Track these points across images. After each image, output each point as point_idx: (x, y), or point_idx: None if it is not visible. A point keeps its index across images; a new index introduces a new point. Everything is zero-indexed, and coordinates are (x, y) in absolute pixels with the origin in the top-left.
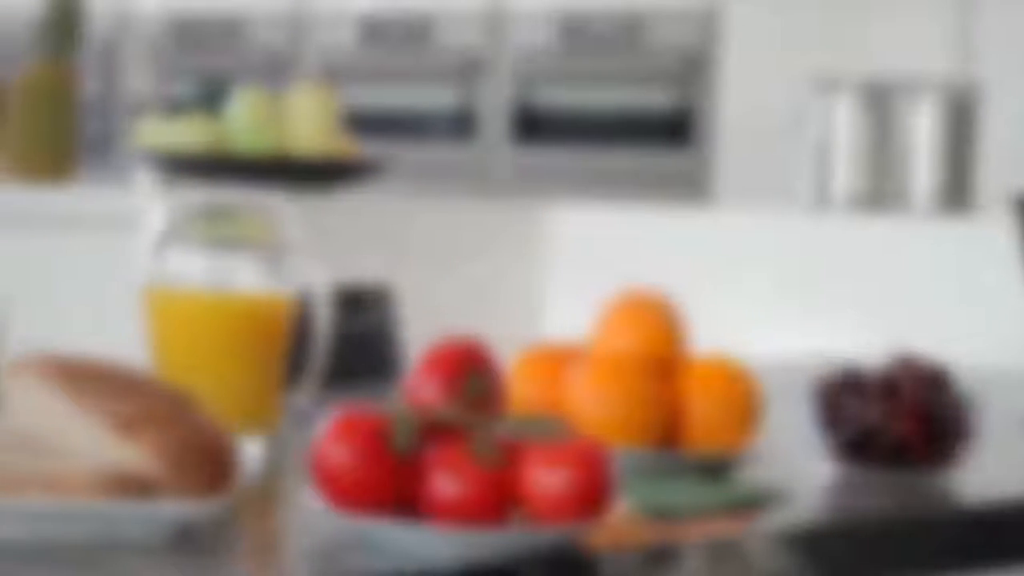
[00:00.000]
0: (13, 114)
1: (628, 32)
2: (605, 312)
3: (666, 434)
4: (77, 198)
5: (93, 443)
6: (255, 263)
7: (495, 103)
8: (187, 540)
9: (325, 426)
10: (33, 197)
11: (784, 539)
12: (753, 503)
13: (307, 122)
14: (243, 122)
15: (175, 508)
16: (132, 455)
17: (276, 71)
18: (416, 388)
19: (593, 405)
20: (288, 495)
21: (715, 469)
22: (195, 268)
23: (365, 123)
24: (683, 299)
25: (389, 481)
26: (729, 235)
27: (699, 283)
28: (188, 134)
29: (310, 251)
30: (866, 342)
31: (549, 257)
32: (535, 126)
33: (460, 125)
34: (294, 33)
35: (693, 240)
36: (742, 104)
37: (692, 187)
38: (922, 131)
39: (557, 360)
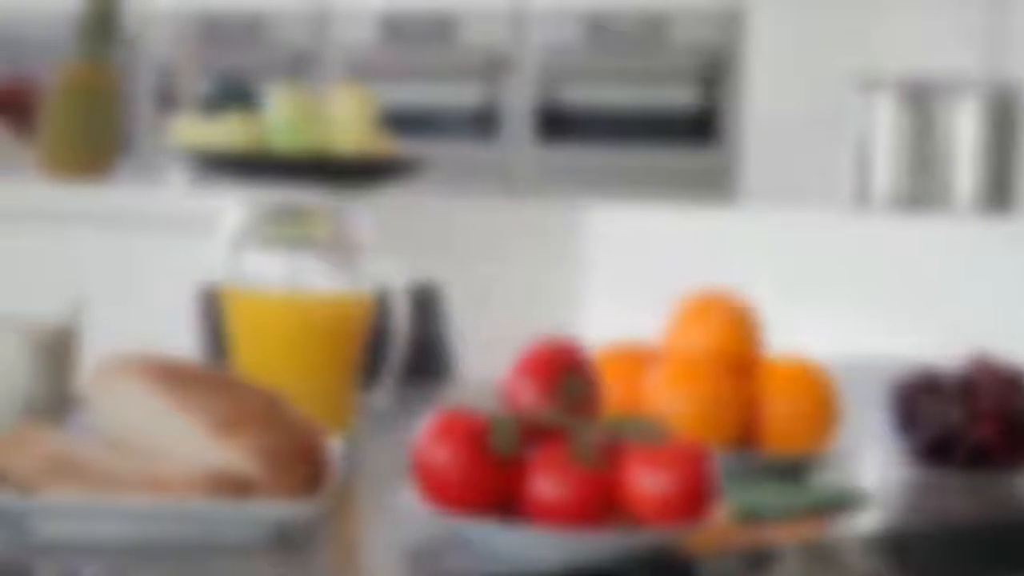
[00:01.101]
0: (53, 113)
1: (652, 31)
2: (679, 311)
3: (743, 435)
4: (116, 196)
5: (191, 443)
6: (330, 263)
7: (519, 101)
8: (283, 540)
9: (425, 427)
10: (73, 195)
11: (878, 542)
12: (840, 506)
13: (346, 121)
14: (282, 121)
15: (273, 509)
16: (230, 456)
17: (299, 69)
18: (513, 390)
19: (671, 405)
20: (380, 495)
21: (792, 470)
22: (271, 269)
23: (387, 121)
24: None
25: (489, 482)
26: (766, 234)
27: (737, 282)
28: (227, 133)
29: (385, 251)
30: (906, 342)
31: (585, 256)
32: (559, 125)
33: (483, 123)
34: (317, 31)
35: (730, 239)
36: (767, 102)
37: (716, 186)
38: (963, 130)
39: (632, 360)
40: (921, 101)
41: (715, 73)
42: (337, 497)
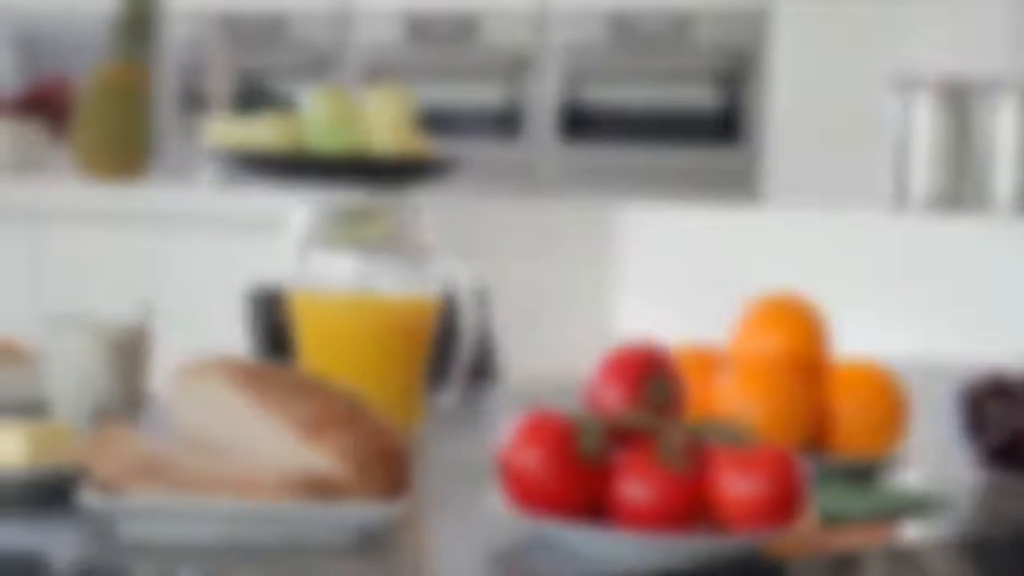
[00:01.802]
0: (88, 113)
1: (676, 30)
2: (747, 314)
3: (813, 437)
4: (151, 196)
5: (278, 445)
6: (398, 265)
7: (542, 101)
8: (369, 542)
9: (512, 430)
10: (108, 195)
11: (959, 547)
12: (918, 510)
13: (382, 121)
14: (319, 121)
15: (361, 511)
16: (317, 458)
17: (321, 69)
18: (597, 393)
19: (741, 408)
20: (458, 496)
21: (862, 473)
22: (339, 270)
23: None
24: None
25: (576, 485)
26: (802, 234)
27: (773, 283)
28: (264, 133)
29: (453, 253)
30: (946, 344)
31: (618, 256)
32: (582, 124)
33: (507, 123)
34: (340, 31)
35: (764, 239)
36: (791, 102)
37: (739, 186)
38: (1002, 130)
39: (700, 362)
40: (959, 101)
41: (739, 72)
42: (424, 499)
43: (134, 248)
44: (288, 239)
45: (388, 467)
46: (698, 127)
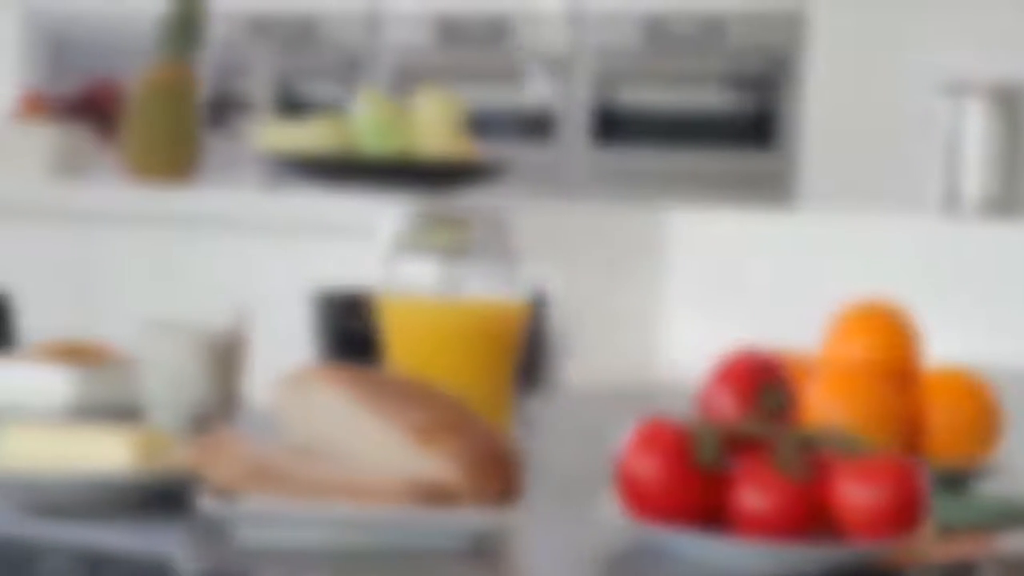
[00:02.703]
0: (135, 114)
1: (710, 33)
2: (837, 320)
3: (906, 445)
4: (200, 198)
5: (391, 451)
6: (485, 270)
7: (575, 104)
8: (482, 548)
9: (629, 437)
10: (155, 197)
11: None
12: (1020, 518)
13: (431, 125)
14: (369, 125)
15: (476, 517)
16: (430, 464)
17: (351, 71)
18: (711, 400)
19: (832, 415)
20: (564, 502)
21: (956, 481)
22: (426, 275)
23: None
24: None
25: (692, 493)
26: (848, 239)
27: (824, 288)
28: (313, 136)
29: (541, 257)
30: (1001, 348)
31: (665, 261)
32: (615, 127)
33: (539, 126)
34: (370, 33)
35: (816, 244)
36: (826, 105)
37: (774, 190)
38: None
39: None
40: (1012, 104)
41: (773, 76)
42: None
43: (182, 251)
44: (372, 243)
45: (500, 473)
46: (731, 131)
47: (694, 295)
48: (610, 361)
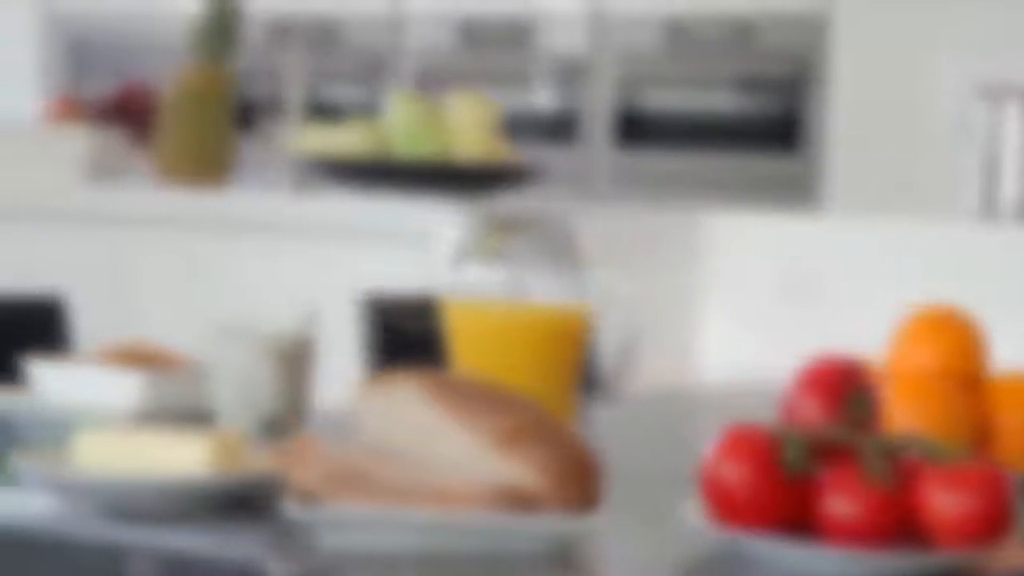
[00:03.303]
0: (169, 118)
1: (733, 36)
2: (902, 326)
3: (973, 450)
4: (232, 201)
5: (473, 457)
6: (550, 274)
7: (598, 107)
8: (565, 554)
9: (715, 442)
10: (188, 200)
11: None
12: None
13: (467, 127)
14: (404, 128)
15: (560, 522)
16: (513, 469)
17: (374, 73)
18: (795, 406)
19: (900, 423)
20: (642, 507)
21: None
22: (491, 280)
23: None
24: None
25: (779, 499)
26: (885, 244)
27: (859, 293)
28: (349, 140)
29: (606, 263)
30: None
31: (702, 264)
32: (638, 130)
33: (562, 129)
34: (392, 36)
35: (852, 248)
36: (852, 108)
37: (798, 193)
38: None
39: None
40: None
41: (798, 79)
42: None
43: (215, 254)
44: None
45: (582, 478)
46: (755, 134)
47: (730, 298)
48: (646, 364)
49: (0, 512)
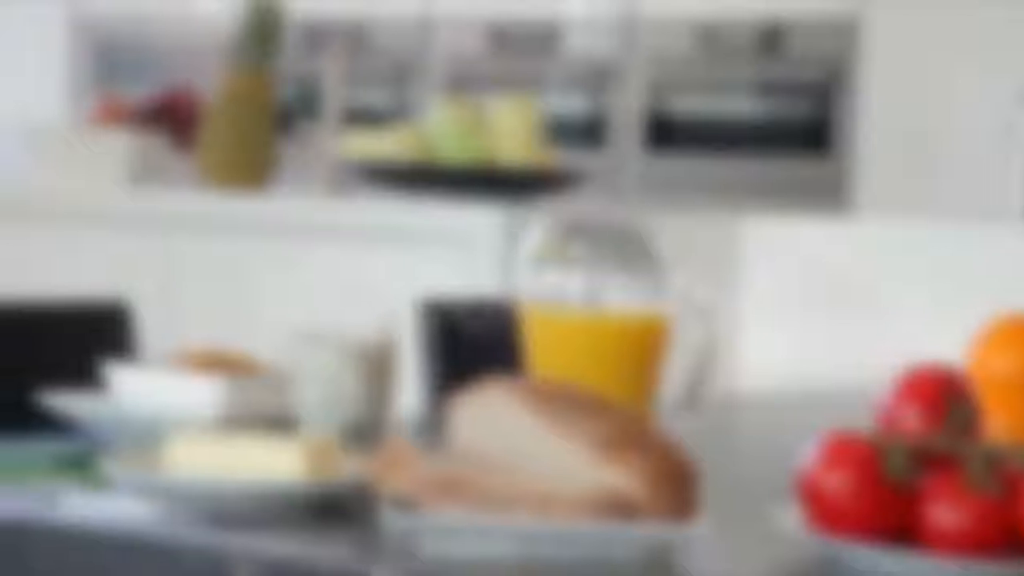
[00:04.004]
0: (212, 122)
1: (765, 39)
2: (985, 332)
3: None
4: (276, 205)
5: (574, 464)
6: (628, 280)
7: (628, 111)
8: (664, 562)
9: (814, 450)
10: (232, 203)
11: None
12: None
13: (510, 132)
14: (447, 133)
15: (661, 529)
16: (615, 476)
17: (403, 77)
18: (895, 414)
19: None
20: (746, 515)
21: None
22: (570, 285)
23: None
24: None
25: (881, 508)
26: (930, 248)
27: (910, 298)
28: (393, 144)
29: (683, 269)
30: None
31: (742, 269)
32: (668, 134)
33: (592, 133)
34: (421, 39)
35: (899, 252)
36: (884, 112)
37: (829, 196)
38: None
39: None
40: None
41: (829, 83)
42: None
43: (258, 257)
44: (521, 255)
45: (680, 486)
46: (785, 137)
47: (771, 303)
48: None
49: (98, 516)
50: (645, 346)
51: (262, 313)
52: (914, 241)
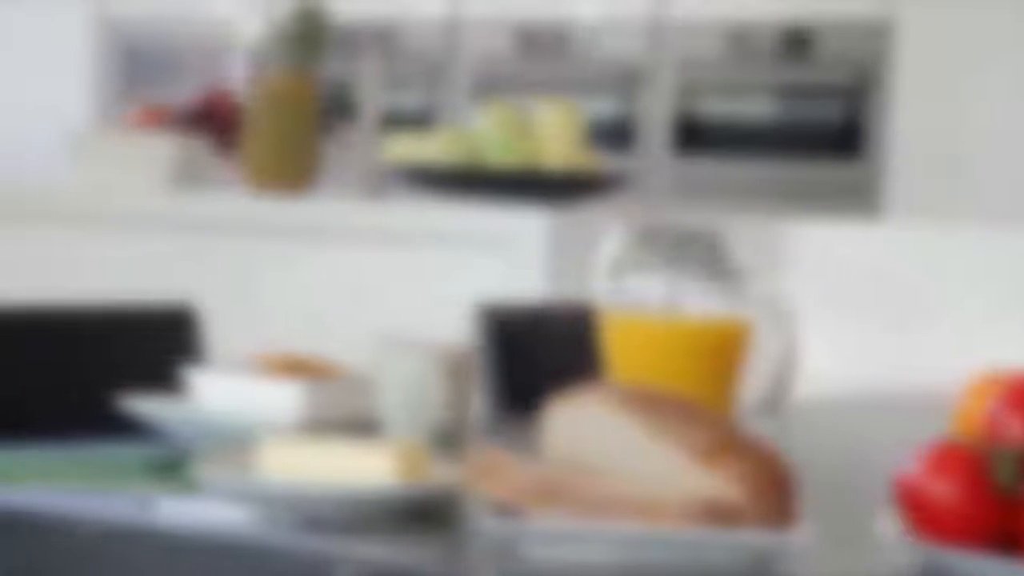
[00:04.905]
0: (255, 124)
1: (795, 42)
2: None
3: None
4: (319, 208)
5: (676, 471)
6: (709, 286)
7: (657, 113)
8: (766, 568)
9: (918, 458)
10: (275, 206)
11: None
12: None
13: (555, 136)
14: (493, 137)
15: (765, 536)
16: (717, 483)
17: (430, 79)
18: (999, 423)
19: None
20: (843, 522)
21: None
22: (649, 291)
23: None
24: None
25: (990, 516)
26: (977, 250)
27: (956, 302)
28: (439, 148)
29: (759, 274)
30: None
31: (785, 272)
32: (696, 137)
33: (620, 135)
34: (449, 41)
35: (941, 256)
36: (916, 115)
37: (860, 199)
38: None
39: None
40: None
41: (859, 85)
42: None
43: (302, 260)
44: (599, 261)
45: (780, 492)
46: (815, 140)
47: (814, 306)
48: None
49: (193, 520)
50: (724, 351)
51: (306, 316)
52: (956, 244)
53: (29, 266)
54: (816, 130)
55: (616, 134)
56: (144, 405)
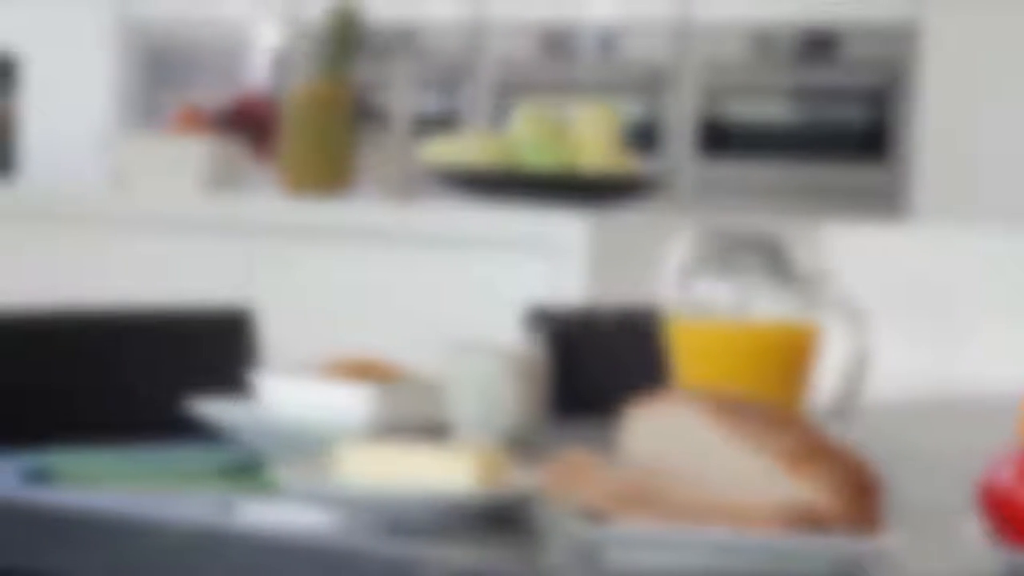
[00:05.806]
0: (292, 127)
1: (821, 44)
2: None
3: None
4: (357, 210)
5: (763, 477)
6: (778, 290)
7: (682, 116)
8: (853, 574)
9: (1001, 461)
10: (312, 209)
11: None
12: None
13: (592, 139)
14: (529, 139)
15: (853, 542)
16: (803, 489)
17: (453, 81)
18: None
19: None
20: (930, 528)
21: None
22: (719, 296)
23: None
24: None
25: None
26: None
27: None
28: (476, 151)
29: (824, 279)
30: None
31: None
32: (721, 139)
33: (645, 138)
34: (472, 43)
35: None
36: (943, 117)
37: (886, 202)
38: None
39: None
40: None
41: (886, 88)
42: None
43: (339, 263)
44: (668, 266)
45: (868, 498)
46: (841, 143)
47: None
48: None
49: (275, 524)
50: (794, 354)
51: (348, 318)
52: (989, 246)
53: (64, 268)
54: (841, 133)
55: (640, 136)
56: (213, 408)
